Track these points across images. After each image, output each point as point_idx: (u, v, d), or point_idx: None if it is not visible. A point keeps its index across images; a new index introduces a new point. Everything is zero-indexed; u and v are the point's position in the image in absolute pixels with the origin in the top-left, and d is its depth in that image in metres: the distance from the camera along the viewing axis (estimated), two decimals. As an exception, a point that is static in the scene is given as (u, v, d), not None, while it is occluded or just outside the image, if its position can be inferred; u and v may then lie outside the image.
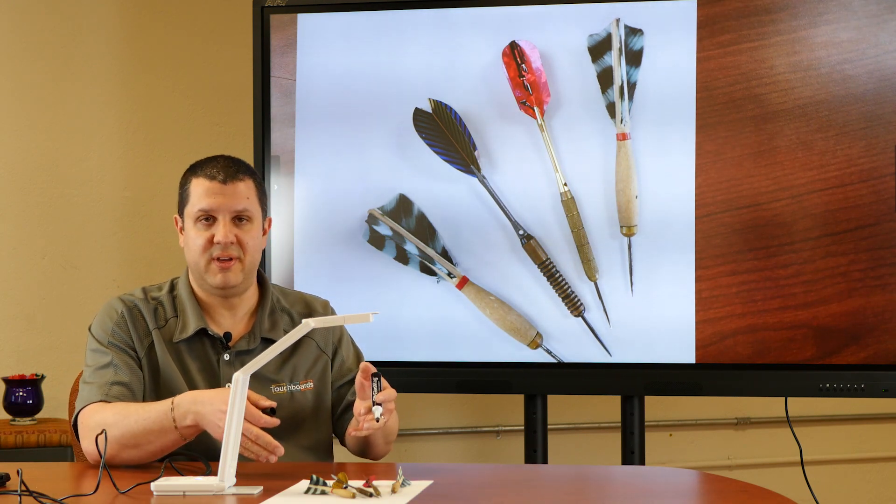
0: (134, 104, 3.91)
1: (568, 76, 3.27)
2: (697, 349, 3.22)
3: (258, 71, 3.38)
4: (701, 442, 4.17)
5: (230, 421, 2.05)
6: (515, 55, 3.28)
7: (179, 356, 2.39)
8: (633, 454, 3.37)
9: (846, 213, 3.17)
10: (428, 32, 3.33)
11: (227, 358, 2.40)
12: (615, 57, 3.24)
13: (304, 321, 2.07)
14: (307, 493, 1.98)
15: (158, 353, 2.39)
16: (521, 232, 3.28)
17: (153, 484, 2.02)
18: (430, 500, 1.95)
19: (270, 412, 2.16)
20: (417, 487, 2.02)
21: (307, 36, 3.37)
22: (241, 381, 2.06)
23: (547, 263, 3.27)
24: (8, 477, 2.03)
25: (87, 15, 3.87)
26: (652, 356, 3.24)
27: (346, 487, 1.95)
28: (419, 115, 3.32)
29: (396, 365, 3.25)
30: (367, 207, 3.34)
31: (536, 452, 3.39)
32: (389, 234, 3.33)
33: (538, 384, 3.32)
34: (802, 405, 4.03)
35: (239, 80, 3.77)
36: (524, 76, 3.27)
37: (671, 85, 3.22)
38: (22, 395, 3.59)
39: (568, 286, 3.27)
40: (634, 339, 3.25)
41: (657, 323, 3.23)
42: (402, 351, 3.32)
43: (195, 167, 2.44)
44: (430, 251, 3.31)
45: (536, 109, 3.27)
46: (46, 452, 3.44)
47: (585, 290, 3.27)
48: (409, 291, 3.32)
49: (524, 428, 3.42)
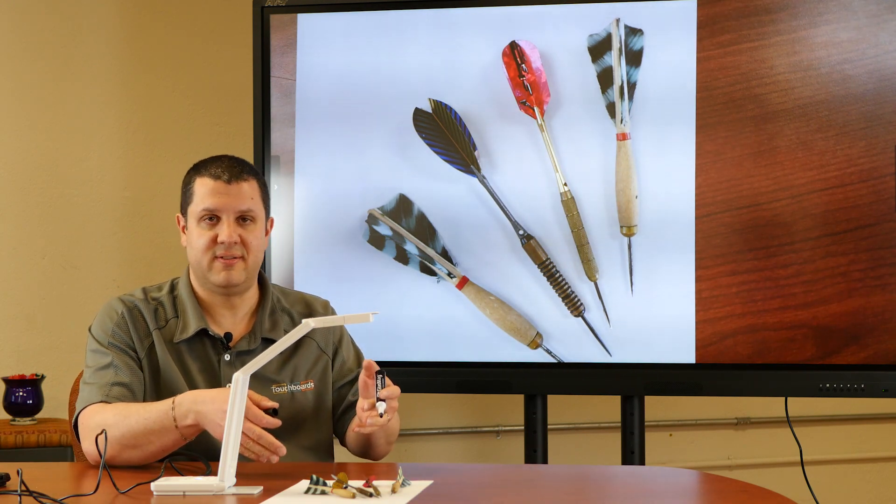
0: (134, 104, 3.91)
1: (568, 76, 3.27)
2: (697, 349, 3.22)
3: (258, 71, 3.38)
4: (701, 442, 4.16)
5: (230, 421, 2.05)
6: (515, 55, 3.28)
7: (180, 356, 2.39)
8: (633, 454, 3.37)
9: (846, 213, 3.17)
10: (428, 32, 3.33)
11: (227, 358, 2.40)
12: (615, 57, 3.24)
13: (304, 321, 2.07)
14: (307, 493, 1.97)
15: (159, 353, 2.38)
16: (521, 232, 3.28)
17: (153, 484, 2.02)
18: (430, 500, 1.95)
19: (272, 413, 2.16)
20: (417, 487, 2.02)
21: (307, 36, 3.37)
22: (241, 381, 2.06)
23: (547, 263, 3.27)
24: (8, 477, 2.03)
25: (87, 15, 3.87)
26: (652, 356, 3.24)
27: (346, 487, 1.95)
28: (419, 115, 3.32)
29: (396, 365, 3.25)
30: (367, 207, 3.34)
31: (536, 452, 3.39)
32: (389, 234, 3.33)
33: (538, 384, 3.32)
34: (802, 405, 4.03)
35: (239, 80, 3.77)
36: (524, 76, 3.27)
37: (671, 85, 3.22)
38: (22, 395, 3.59)
39: (568, 286, 3.27)
40: (634, 339, 3.25)
41: (657, 323, 3.23)
42: (402, 351, 3.32)
43: (199, 166, 2.43)
44: (430, 251, 3.31)
45: (536, 109, 3.27)
46: (46, 452, 3.44)
47: (585, 290, 3.27)
48: (409, 291, 3.32)
49: (524, 428, 3.42)
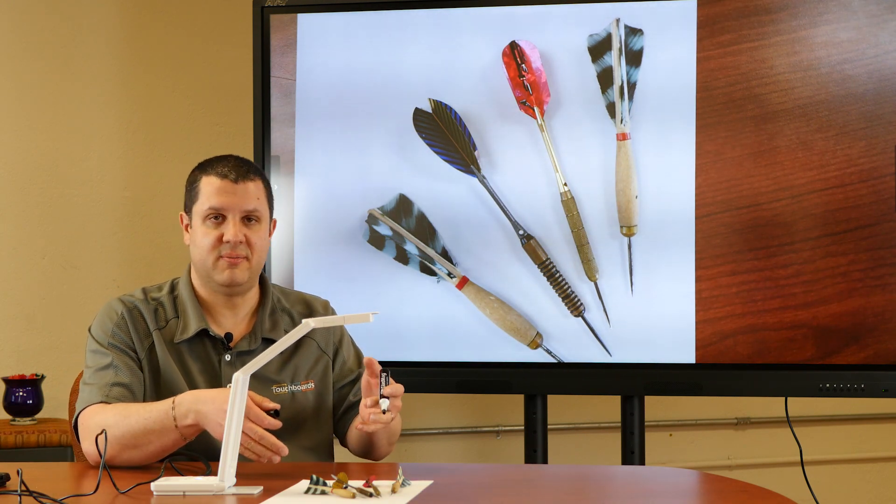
0: (134, 104, 3.91)
1: (568, 76, 3.27)
2: (697, 349, 3.22)
3: (258, 71, 3.38)
4: (701, 442, 4.16)
5: (230, 421, 2.05)
6: (515, 55, 3.28)
7: (180, 357, 2.39)
8: (633, 454, 3.37)
9: (846, 213, 3.17)
10: (428, 32, 3.33)
11: (228, 358, 2.40)
12: (615, 57, 3.24)
13: (304, 321, 2.07)
14: (307, 493, 1.97)
15: (159, 353, 2.38)
16: (521, 232, 3.28)
17: (153, 484, 2.02)
18: (430, 500, 1.95)
19: (274, 414, 2.16)
20: (417, 487, 2.02)
21: (307, 36, 3.37)
22: (240, 381, 2.06)
23: (547, 263, 3.27)
24: (8, 477, 2.03)
25: (87, 15, 3.87)
26: (652, 356, 3.24)
27: (346, 487, 1.95)
28: (419, 115, 3.32)
29: (396, 365, 3.23)
30: (367, 207, 3.34)
31: (536, 452, 3.39)
32: (389, 234, 3.33)
33: (538, 384, 3.32)
34: (802, 405, 4.03)
35: (239, 80, 3.77)
36: (524, 76, 3.27)
37: (671, 85, 3.22)
38: (22, 395, 3.59)
39: (568, 286, 3.27)
40: (634, 339, 3.25)
41: (657, 323, 3.23)
42: (402, 351, 3.32)
43: (205, 165, 2.43)
44: (430, 251, 3.31)
45: (536, 109, 3.27)
46: (46, 452, 3.44)
47: (585, 290, 3.27)
48: (409, 291, 3.32)
49: (524, 428, 3.42)
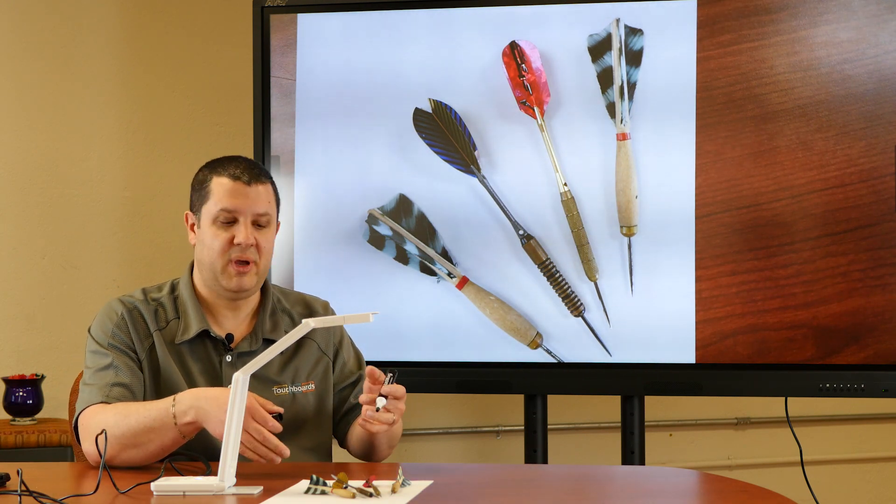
0: (134, 104, 3.91)
1: (568, 76, 3.27)
2: (697, 349, 3.22)
3: (258, 71, 3.37)
4: (701, 442, 4.16)
5: (230, 421, 2.05)
6: (515, 55, 3.28)
7: (181, 358, 2.39)
8: (633, 454, 3.37)
9: (846, 213, 3.17)
10: (428, 32, 3.33)
11: (229, 359, 2.39)
12: (615, 57, 3.24)
13: (304, 321, 2.07)
14: (307, 493, 1.97)
15: (159, 354, 2.38)
16: (521, 232, 3.28)
17: (153, 484, 2.01)
18: (430, 500, 1.95)
19: (278, 418, 2.16)
20: (417, 487, 2.02)
21: (307, 36, 3.37)
22: (241, 381, 2.06)
23: (547, 263, 3.27)
24: (8, 477, 2.03)
25: (87, 15, 3.87)
26: (652, 356, 3.24)
27: (346, 487, 1.94)
28: (419, 115, 3.32)
29: (396, 365, 3.24)
30: (367, 207, 3.34)
31: (536, 452, 3.39)
32: (389, 234, 3.33)
33: (538, 384, 3.32)
34: (802, 405, 4.03)
35: (239, 80, 3.77)
36: (524, 76, 3.27)
37: (671, 85, 3.22)
38: (22, 395, 3.59)
39: (568, 286, 3.27)
40: (634, 339, 3.25)
41: (657, 323, 3.23)
42: (402, 351, 3.32)
43: (215, 166, 2.40)
44: (430, 251, 3.31)
45: (536, 109, 3.27)
46: (46, 452, 3.44)
47: (585, 290, 3.27)
48: (409, 291, 3.32)
49: (524, 428, 3.42)
